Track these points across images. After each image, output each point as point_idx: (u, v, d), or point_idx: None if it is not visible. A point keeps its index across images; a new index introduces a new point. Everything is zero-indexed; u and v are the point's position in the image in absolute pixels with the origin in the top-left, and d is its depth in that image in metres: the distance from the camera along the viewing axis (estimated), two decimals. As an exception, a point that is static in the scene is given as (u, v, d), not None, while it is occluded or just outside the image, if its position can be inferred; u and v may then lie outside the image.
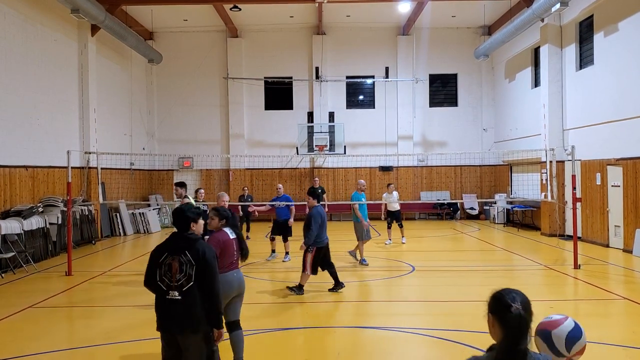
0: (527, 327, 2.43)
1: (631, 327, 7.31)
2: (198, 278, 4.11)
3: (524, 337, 2.41)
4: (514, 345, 2.37)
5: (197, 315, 4.10)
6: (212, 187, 23.02)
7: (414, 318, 8.02)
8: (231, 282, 5.52)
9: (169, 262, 4.13)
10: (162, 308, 4.15)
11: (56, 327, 7.65)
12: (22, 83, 13.61)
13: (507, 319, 2.41)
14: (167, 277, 4.12)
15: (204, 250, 4.18)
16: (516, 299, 2.51)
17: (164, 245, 4.25)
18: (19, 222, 11.92)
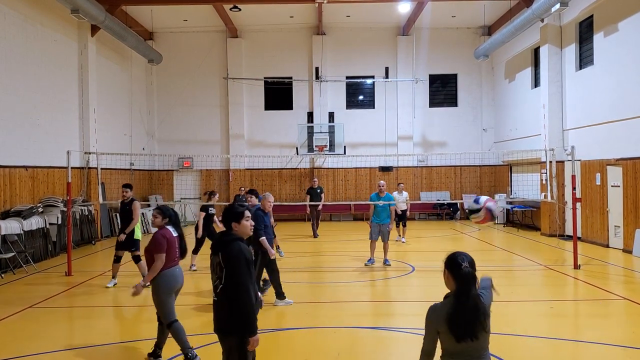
0: (474, 278, 3.22)
1: (631, 327, 7.32)
2: (227, 280, 3.99)
3: (473, 285, 3.19)
4: (467, 291, 3.17)
5: (227, 317, 4.01)
6: (212, 188, 22.98)
7: (414, 318, 8.01)
8: (176, 277, 5.82)
9: (213, 263, 4.15)
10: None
11: (56, 327, 7.65)
12: (22, 83, 13.61)
13: (460, 274, 3.23)
14: (213, 279, 4.16)
15: (233, 252, 3.99)
16: (465, 259, 3.28)
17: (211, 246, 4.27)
18: (19, 223, 11.92)
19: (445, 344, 3.19)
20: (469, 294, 3.15)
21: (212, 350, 6.45)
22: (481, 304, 3.16)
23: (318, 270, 12.13)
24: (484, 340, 3.15)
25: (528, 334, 6.87)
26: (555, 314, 8.07)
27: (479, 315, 3.11)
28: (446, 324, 3.12)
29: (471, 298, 3.14)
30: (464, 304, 3.13)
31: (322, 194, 17.89)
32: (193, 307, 8.51)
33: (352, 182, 23.03)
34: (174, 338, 5.82)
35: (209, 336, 6.95)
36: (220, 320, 4.07)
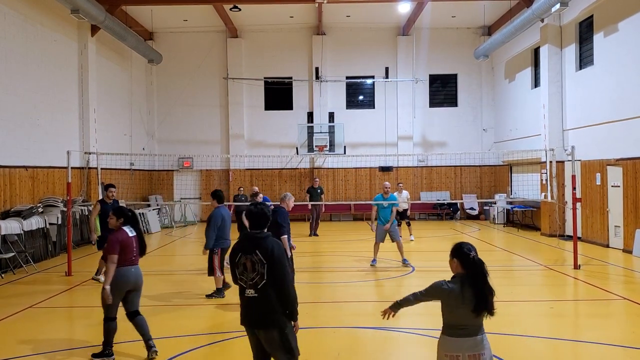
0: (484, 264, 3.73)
1: (631, 327, 7.32)
2: (270, 275, 4.19)
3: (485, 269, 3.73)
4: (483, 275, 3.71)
5: (271, 311, 4.20)
6: (211, 188, 22.98)
7: (414, 318, 8.02)
8: (128, 277, 5.96)
9: (244, 262, 4.25)
10: (242, 304, 4.33)
11: (56, 327, 7.65)
12: (22, 83, 13.60)
13: (470, 262, 3.74)
14: (244, 276, 4.25)
15: (273, 248, 4.25)
16: (471, 249, 3.79)
17: (238, 246, 4.35)
18: (19, 223, 11.91)
19: (450, 319, 3.75)
20: (485, 277, 3.70)
21: (211, 350, 6.45)
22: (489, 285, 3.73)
23: (318, 270, 12.13)
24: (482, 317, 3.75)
25: (528, 334, 6.87)
26: (555, 314, 8.07)
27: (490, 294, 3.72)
28: (459, 301, 3.67)
29: (484, 278, 3.71)
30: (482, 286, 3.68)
31: (322, 194, 17.89)
32: (196, 308, 8.50)
33: (352, 182, 23.03)
34: (104, 333, 6.06)
35: (210, 336, 6.96)
36: (261, 315, 4.21)
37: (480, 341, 3.73)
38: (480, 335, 3.74)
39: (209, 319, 8.14)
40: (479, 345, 3.72)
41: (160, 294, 9.43)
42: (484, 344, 3.74)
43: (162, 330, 7.33)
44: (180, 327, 7.47)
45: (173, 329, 7.38)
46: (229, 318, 8.00)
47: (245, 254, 4.25)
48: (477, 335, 3.72)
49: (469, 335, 3.70)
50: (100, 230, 10.37)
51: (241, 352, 6.48)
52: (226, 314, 8.27)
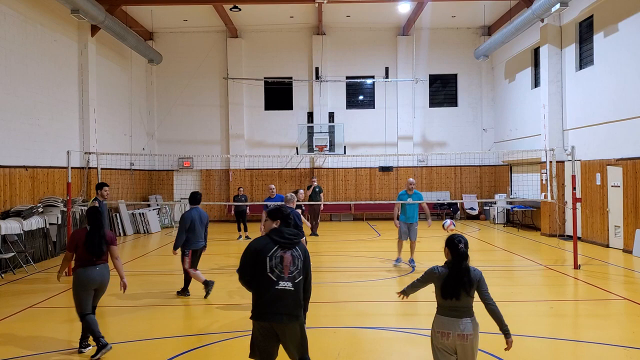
0: (466, 255, 4.29)
1: (631, 327, 7.31)
2: (304, 272, 4.55)
3: (465, 261, 4.26)
4: (459, 264, 4.25)
5: (299, 305, 4.48)
6: (212, 188, 23.04)
7: (413, 318, 8.02)
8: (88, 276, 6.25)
9: (280, 255, 4.44)
10: (270, 298, 4.36)
11: (56, 327, 7.65)
12: (22, 83, 13.61)
13: (456, 251, 4.29)
14: (277, 269, 4.40)
15: (304, 245, 4.71)
16: (461, 240, 4.32)
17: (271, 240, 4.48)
18: (19, 223, 11.92)
19: (438, 299, 4.29)
20: (460, 266, 4.23)
21: (212, 350, 6.45)
22: (468, 275, 4.22)
23: (318, 270, 12.10)
24: (466, 302, 4.21)
25: (528, 334, 6.87)
26: (555, 314, 8.07)
27: (465, 283, 4.18)
28: (440, 284, 4.24)
29: (462, 270, 4.22)
30: (456, 274, 4.22)
31: (320, 193, 17.87)
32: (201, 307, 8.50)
33: (352, 182, 23.03)
34: (87, 330, 6.29)
35: (210, 336, 6.96)
36: (292, 308, 4.41)
37: (469, 323, 4.20)
38: (469, 318, 4.22)
39: (209, 319, 8.14)
40: (467, 327, 4.19)
41: (160, 294, 9.43)
42: (473, 326, 4.22)
43: (162, 330, 7.33)
44: (180, 327, 7.47)
45: (173, 329, 7.38)
46: (229, 318, 8.00)
47: (283, 248, 4.46)
48: (466, 318, 4.20)
49: (459, 316, 4.19)
50: None
51: (241, 352, 6.49)
52: (226, 314, 8.27)
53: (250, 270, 4.41)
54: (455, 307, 4.21)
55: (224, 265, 12.38)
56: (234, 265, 12.23)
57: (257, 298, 4.42)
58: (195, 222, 9.06)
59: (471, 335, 4.21)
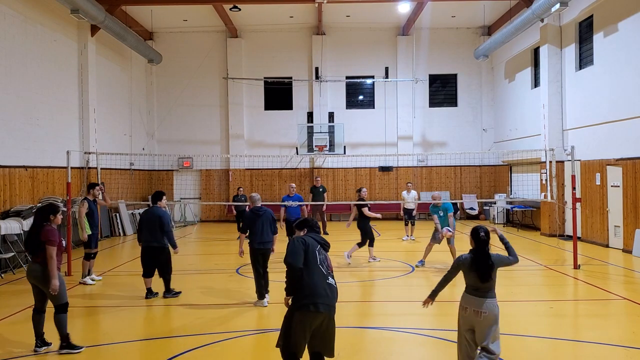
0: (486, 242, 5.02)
1: (631, 327, 7.32)
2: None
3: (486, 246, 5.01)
4: (482, 250, 4.99)
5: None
6: (211, 187, 23.05)
7: (414, 318, 8.02)
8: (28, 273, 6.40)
9: (324, 254, 4.89)
10: (325, 288, 4.67)
11: (55, 327, 7.63)
12: (22, 83, 13.60)
13: (478, 239, 5.04)
14: (324, 266, 4.78)
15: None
16: (482, 230, 5.08)
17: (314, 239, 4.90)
18: (19, 223, 11.92)
19: (467, 281, 5.03)
20: (482, 252, 4.98)
21: (211, 350, 6.45)
22: (489, 259, 4.96)
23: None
24: (491, 282, 4.96)
25: (528, 334, 6.88)
26: (555, 314, 8.07)
27: (486, 266, 4.91)
28: (468, 267, 4.96)
29: (484, 255, 4.97)
30: (478, 258, 4.96)
31: (324, 193, 17.85)
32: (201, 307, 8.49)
33: (352, 182, 23.03)
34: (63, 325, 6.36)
35: (210, 336, 6.96)
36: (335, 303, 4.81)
37: (484, 302, 4.88)
38: (487, 299, 4.89)
39: (209, 318, 8.14)
40: (482, 306, 4.87)
41: (160, 294, 9.42)
42: (487, 306, 4.87)
43: (162, 330, 7.33)
44: (180, 327, 7.47)
45: (172, 328, 7.38)
46: (228, 318, 8.01)
47: (324, 248, 4.91)
48: (483, 298, 4.90)
49: (478, 296, 4.92)
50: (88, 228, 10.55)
51: (241, 352, 6.49)
52: (226, 314, 8.27)
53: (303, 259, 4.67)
54: (477, 288, 4.92)
55: (224, 265, 12.37)
56: (234, 265, 12.24)
57: (309, 288, 4.58)
58: (143, 222, 9.14)
59: (485, 313, 4.84)
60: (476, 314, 4.86)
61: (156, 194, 9.37)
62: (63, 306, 6.36)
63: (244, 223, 8.79)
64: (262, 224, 8.50)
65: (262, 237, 8.49)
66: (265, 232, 8.51)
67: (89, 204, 10.56)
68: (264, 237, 8.50)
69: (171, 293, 9.13)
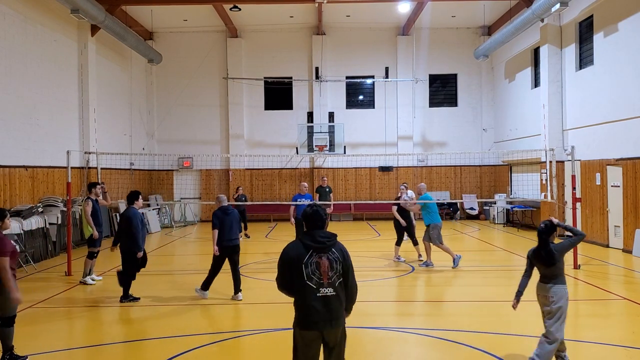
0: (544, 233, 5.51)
1: (631, 327, 7.31)
2: (344, 273, 4.29)
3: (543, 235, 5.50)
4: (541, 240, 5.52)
5: (342, 308, 4.33)
6: (211, 187, 23.04)
7: (414, 318, 8.02)
8: None
9: (316, 260, 4.18)
10: (314, 306, 4.18)
11: (56, 327, 7.65)
12: (22, 83, 13.60)
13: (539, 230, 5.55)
14: (315, 276, 4.18)
15: (342, 246, 4.38)
16: (543, 223, 5.53)
17: (304, 245, 4.22)
18: (19, 222, 11.92)
19: (538, 271, 5.59)
20: (541, 241, 5.52)
21: (211, 350, 6.45)
22: (547, 247, 5.45)
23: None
24: (551, 270, 5.46)
25: (528, 334, 6.87)
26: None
27: (547, 253, 5.44)
28: (534, 258, 5.58)
29: (543, 243, 5.49)
30: (539, 247, 5.53)
31: (330, 193, 17.83)
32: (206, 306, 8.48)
33: (352, 182, 23.03)
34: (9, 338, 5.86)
35: (210, 336, 6.96)
36: (338, 312, 4.29)
37: (550, 288, 5.47)
38: (550, 284, 5.47)
39: (209, 318, 8.14)
40: (548, 291, 5.48)
41: (159, 294, 9.43)
42: (553, 291, 5.45)
43: (162, 330, 7.33)
44: (180, 327, 7.47)
45: (172, 328, 7.37)
46: (228, 318, 8.01)
47: (319, 252, 4.20)
48: (547, 284, 5.49)
49: (546, 282, 5.51)
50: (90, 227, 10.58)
51: (240, 352, 6.49)
52: (226, 314, 8.28)
53: (289, 279, 4.22)
54: (545, 275, 5.52)
55: (224, 265, 12.35)
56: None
57: (300, 307, 4.27)
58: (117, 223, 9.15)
59: (552, 298, 5.43)
60: (545, 298, 5.48)
61: (132, 194, 9.18)
62: (11, 319, 5.82)
63: (213, 222, 9.05)
64: (231, 223, 8.89)
65: (230, 234, 8.88)
66: (234, 230, 8.93)
67: (92, 203, 10.56)
68: (232, 235, 8.90)
69: (128, 298, 8.84)
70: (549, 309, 5.46)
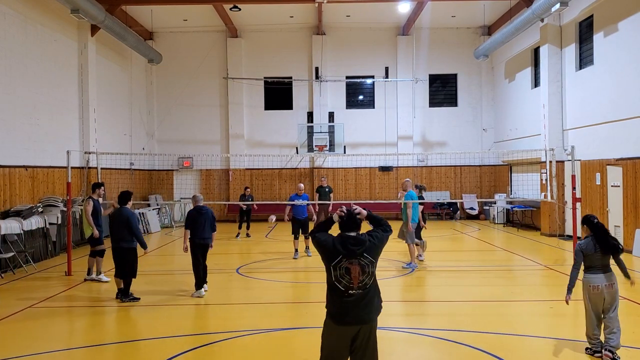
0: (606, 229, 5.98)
1: (631, 327, 7.32)
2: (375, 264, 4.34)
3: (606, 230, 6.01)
4: (605, 233, 5.95)
5: (375, 306, 4.38)
6: (212, 187, 23.04)
7: (414, 318, 8.03)
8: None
9: (346, 266, 4.14)
10: (342, 305, 4.18)
11: (56, 327, 7.65)
12: (22, 83, 13.60)
13: (596, 226, 5.97)
14: (345, 280, 4.14)
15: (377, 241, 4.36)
16: (595, 218, 6.05)
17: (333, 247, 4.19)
18: (19, 222, 11.91)
19: (590, 263, 5.92)
20: (606, 234, 5.94)
21: (211, 350, 6.45)
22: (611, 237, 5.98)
23: (318, 270, 12.10)
24: (608, 259, 5.94)
25: (528, 334, 6.88)
26: (555, 313, 8.07)
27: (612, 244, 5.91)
28: (593, 249, 5.87)
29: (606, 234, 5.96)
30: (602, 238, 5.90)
31: (331, 193, 17.83)
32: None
33: (352, 181, 23.03)
34: None
35: (210, 336, 6.96)
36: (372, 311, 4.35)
37: (611, 275, 5.88)
38: (610, 272, 5.87)
39: (209, 319, 8.14)
40: (611, 277, 5.87)
41: (159, 294, 9.43)
42: (614, 277, 5.89)
43: (162, 330, 7.33)
44: (179, 327, 7.47)
45: (172, 328, 7.37)
46: (228, 318, 8.01)
47: (349, 257, 4.13)
48: (608, 272, 5.87)
49: (604, 272, 5.84)
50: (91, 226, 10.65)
51: (240, 352, 6.49)
52: (226, 314, 8.28)
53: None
54: (604, 264, 5.89)
55: (224, 265, 12.37)
56: (234, 265, 12.24)
57: (330, 301, 4.24)
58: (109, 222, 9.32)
59: (614, 283, 5.88)
60: (609, 287, 5.84)
61: (124, 195, 9.32)
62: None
63: (187, 220, 9.35)
64: (204, 222, 9.19)
65: (203, 233, 9.19)
66: (207, 229, 9.23)
67: (94, 203, 10.61)
68: (204, 234, 9.20)
69: (129, 297, 8.88)
70: (613, 294, 5.90)
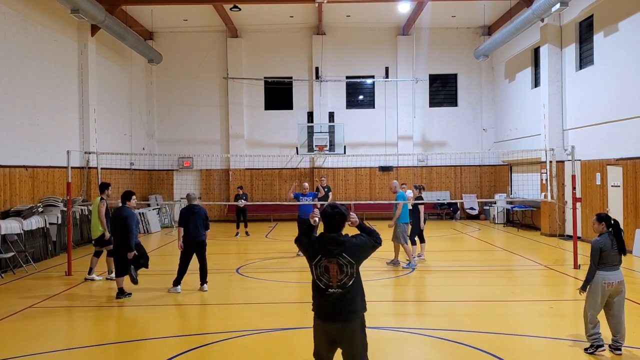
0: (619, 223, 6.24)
1: (631, 327, 7.30)
2: (357, 272, 4.22)
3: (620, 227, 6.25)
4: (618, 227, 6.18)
5: (356, 305, 4.21)
6: (212, 187, 23.05)
7: (414, 318, 8.02)
8: None
9: (326, 264, 4.14)
10: (322, 302, 4.20)
11: (56, 327, 7.65)
12: (22, 83, 13.60)
13: (610, 221, 6.12)
14: (324, 278, 4.16)
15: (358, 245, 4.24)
16: (610, 217, 6.21)
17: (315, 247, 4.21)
18: (19, 222, 11.91)
19: (606, 260, 6.02)
20: (619, 229, 6.14)
21: (211, 350, 6.45)
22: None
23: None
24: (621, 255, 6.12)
25: (528, 334, 6.88)
26: (555, 313, 8.07)
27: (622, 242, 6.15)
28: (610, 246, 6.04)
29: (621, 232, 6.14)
30: (621, 237, 6.14)
31: (329, 192, 17.83)
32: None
33: (352, 181, 23.03)
34: None
35: (210, 336, 6.96)
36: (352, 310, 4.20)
37: (622, 273, 6.07)
38: (621, 269, 6.06)
39: (209, 319, 8.15)
40: (622, 275, 6.06)
41: (159, 294, 9.43)
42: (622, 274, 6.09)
43: (161, 330, 7.33)
44: (179, 327, 7.47)
45: (171, 328, 7.38)
46: (228, 318, 8.01)
47: (328, 256, 4.14)
48: (619, 270, 6.04)
49: (619, 268, 6.03)
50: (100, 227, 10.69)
51: (240, 352, 6.49)
52: (226, 314, 8.28)
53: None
54: (620, 261, 6.08)
55: (224, 265, 12.37)
56: (234, 265, 12.24)
57: (314, 298, 4.28)
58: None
59: (623, 280, 6.05)
60: (621, 283, 6.02)
61: (125, 194, 9.47)
62: None
63: (179, 219, 9.48)
64: (196, 220, 9.34)
65: (195, 231, 9.34)
66: (199, 227, 9.38)
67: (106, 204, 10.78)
68: (197, 232, 9.35)
69: (124, 294, 8.96)
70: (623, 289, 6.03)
